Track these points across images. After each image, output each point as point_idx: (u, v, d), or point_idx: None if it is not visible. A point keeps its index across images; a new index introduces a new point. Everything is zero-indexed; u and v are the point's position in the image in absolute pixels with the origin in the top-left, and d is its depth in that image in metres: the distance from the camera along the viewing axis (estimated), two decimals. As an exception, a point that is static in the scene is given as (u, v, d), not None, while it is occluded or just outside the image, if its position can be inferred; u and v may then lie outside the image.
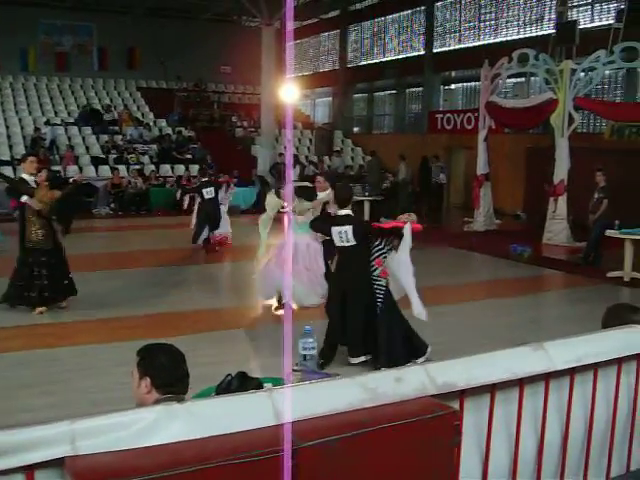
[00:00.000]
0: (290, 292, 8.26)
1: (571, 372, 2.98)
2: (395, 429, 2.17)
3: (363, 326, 6.80)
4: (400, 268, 6.67)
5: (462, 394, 2.57)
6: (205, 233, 14.33)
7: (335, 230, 6.82)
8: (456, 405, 2.55)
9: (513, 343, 6.41)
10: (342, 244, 6.83)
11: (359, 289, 6.79)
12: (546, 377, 2.88)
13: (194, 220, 14.52)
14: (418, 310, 6.63)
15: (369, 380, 2.35)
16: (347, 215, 6.88)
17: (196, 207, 14.69)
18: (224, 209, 14.72)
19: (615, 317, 4.01)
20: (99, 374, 6.41)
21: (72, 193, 9.28)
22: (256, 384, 3.82)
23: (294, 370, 3.96)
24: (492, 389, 2.69)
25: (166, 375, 2.91)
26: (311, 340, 4.09)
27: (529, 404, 2.88)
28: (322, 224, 7.54)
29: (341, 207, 6.91)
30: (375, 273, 6.74)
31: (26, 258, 8.78)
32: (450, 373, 2.56)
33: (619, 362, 3.19)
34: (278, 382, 4.09)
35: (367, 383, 2.32)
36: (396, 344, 6.68)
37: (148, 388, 2.86)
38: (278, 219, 9.85)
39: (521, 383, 2.78)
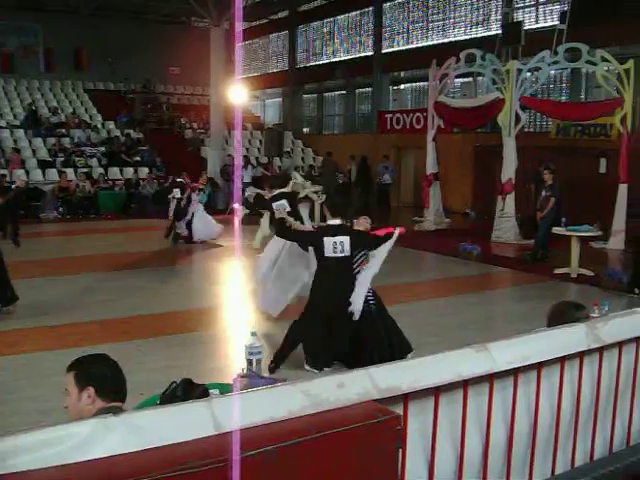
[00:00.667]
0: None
1: (515, 372, 3.00)
2: (337, 436, 2.15)
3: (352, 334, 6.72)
4: (376, 258, 6.74)
5: (406, 397, 2.56)
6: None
7: (328, 241, 6.47)
8: (400, 409, 2.53)
9: (462, 342, 6.50)
10: (334, 255, 6.49)
11: (348, 300, 6.58)
12: (490, 378, 2.88)
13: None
14: (357, 306, 6.61)
15: (311, 386, 2.32)
16: (342, 225, 6.65)
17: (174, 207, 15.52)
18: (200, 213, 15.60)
19: (559, 314, 4.06)
20: (47, 382, 6.27)
21: (13, 199, 9.06)
22: (202, 391, 3.77)
23: (240, 376, 3.92)
24: (436, 391, 2.68)
25: (109, 383, 2.86)
26: (257, 345, 4.05)
27: (473, 405, 2.88)
28: (308, 235, 7.25)
29: (334, 216, 6.64)
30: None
31: None
32: (393, 377, 2.54)
33: (562, 361, 3.21)
34: (225, 388, 4.05)
35: (309, 389, 2.30)
36: (385, 344, 6.66)
37: (92, 398, 2.79)
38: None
39: (465, 384, 2.78)
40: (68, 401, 2.85)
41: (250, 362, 4.05)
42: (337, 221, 6.60)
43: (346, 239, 6.47)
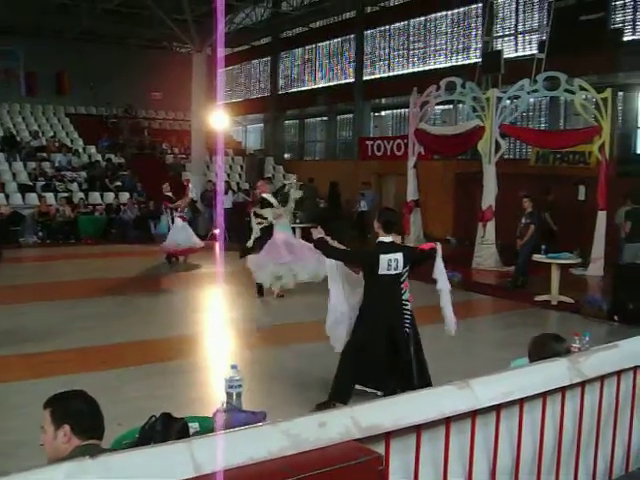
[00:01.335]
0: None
1: (497, 408, 2.98)
2: (318, 477, 2.12)
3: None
4: (440, 277, 6.73)
5: (388, 436, 2.53)
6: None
7: (384, 258, 6.29)
8: (382, 447, 2.51)
9: (443, 371, 6.48)
10: (388, 272, 6.31)
11: (402, 318, 6.45)
12: (472, 414, 2.87)
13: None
14: (450, 325, 6.74)
15: (292, 426, 2.29)
16: (393, 242, 6.50)
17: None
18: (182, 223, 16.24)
19: (540, 347, 4.06)
20: (21, 413, 6.16)
21: None
22: (181, 425, 3.73)
23: (220, 411, 3.87)
24: (418, 429, 2.66)
25: (86, 421, 2.81)
26: (237, 378, 4.01)
27: (456, 442, 2.86)
28: (362, 253, 7.13)
29: (387, 232, 6.43)
30: (404, 297, 6.48)
31: None
32: (375, 415, 2.52)
33: (544, 396, 3.20)
34: (205, 421, 4.00)
35: (289, 429, 2.27)
36: (422, 369, 6.53)
37: (68, 436, 2.74)
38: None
39: (447, 422, 2.76)
40: (44, 438, 2.81)
41: (230, 395, 4.00)
42: (389, 238, 6.43)
43: (400, 255, 6.34)
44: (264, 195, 12.11)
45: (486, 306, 12.68)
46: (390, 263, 6.29)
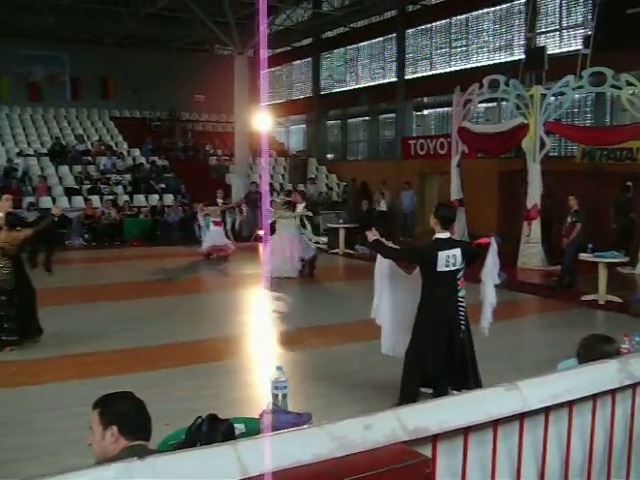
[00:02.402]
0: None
1: (546, 410, 2.93)
2: (364, 480, 2.10)
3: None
4: (487, 277, 6.72)
5: (435, 438, 2.50)
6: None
7: (442, 255, 6.24)
8: (428, 450, 2.48)
9: (488, 371, 6.41)
10: (446, 269, 6.26)
11: (458, 316, 6.40)
12: (520, 417, 2.82)
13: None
14: (485, 323, 6.70)
15: (337, 428, 2.27)
16: (450, 237, 6.51)
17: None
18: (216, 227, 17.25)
19: (589, 348, 4.00)
20: (68, 413, 6.25)
21: (45, 229, 9.06)
22: (227, 426, 3.75)
23: (265, 413, 3.88)
24: (465, 432, 2.62)
25: (133, 422, 2.84)
26: (282, 379, 4.01)
27: (504, 445, 2.82)
28: (420, 250, 7.06)
29: (444, 228, 6.39)
30: (460, 294, 6.41)
31: None
32: (422, 417, 2.49)
33: (594, 398, 3.14)
34: (250, 422, 4.02)
35: (335, 431, 2.25)
36: (474, 369, 6.49)
37: (115, 437, 2.78)
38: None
39: (495, 424, 2.72)
40: (92, 439, 2.84)
41: (276, 396, 4.01)
42: (447, 234, 6.42)
43: (458, 251, 6.30)
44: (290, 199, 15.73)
45: (532, 306, 12.53)
46: (448, 259, 6.24)
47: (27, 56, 28.94)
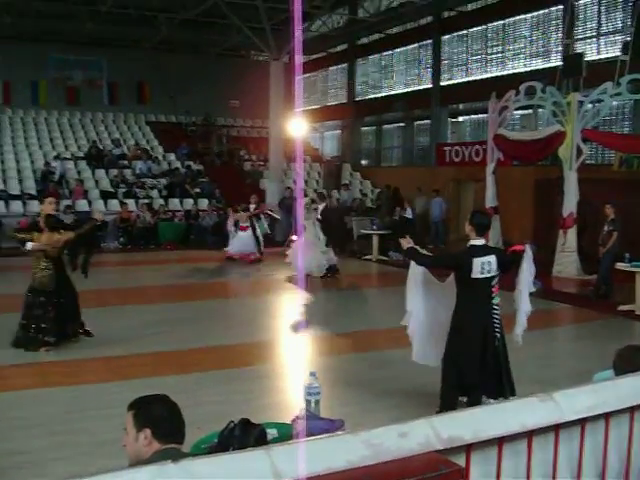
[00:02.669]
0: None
1: (582, 422, 2.89)
2: (398, 488, 2.09)
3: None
4: (523, 285, 6.66)
5: (469, 448, 2.48)
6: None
7: (477, 262, 6.19)
8: (462, 459, 2.46)
9: (521, 381, 6.34)
10: (481, 276, 6.21)
11: (493, 323, 6.34)
12: (556, 428, 2.79)
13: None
14: (520, 331, 6.63)
15: (372, 435, 2.26)
16: (485, 244, 6.50)
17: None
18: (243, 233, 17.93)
19: (626, 360, 3.93)
20: (102, 415, 6.31)
21: (87, 233, 9.17)
22: (259, 431, 3.76)
23: (298, 418, 3.88)
24: (500, 442, 2.60)
25: (166, 425, 2.86)
26: (316, 385, 4.01)
27: (538, 456, 2.78)
28: (455, 256, 7.06)
29: (479, 235, 6.36)
30: (495, 301, 6.34)
31: (30, 299, 8.75)
32: (456, 426, 2.47)
33: (631, 411, 3.10)
34: (282, 428, 4.02)
35: (370, 439, 2.24)
36: (509, 378, 6.43)
37: (149, 440, 2.80)
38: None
39: (530, 435, 2.69)
40: (126, 440, 2.87)
41: (309, 402, 4.01)
42: (482, 241, 6.39)
43: (493, 258, 6.25)
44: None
45: (567, 315, 12.39)
46: (484, 266, 6.19)
47: (66, 61, 29.42)
